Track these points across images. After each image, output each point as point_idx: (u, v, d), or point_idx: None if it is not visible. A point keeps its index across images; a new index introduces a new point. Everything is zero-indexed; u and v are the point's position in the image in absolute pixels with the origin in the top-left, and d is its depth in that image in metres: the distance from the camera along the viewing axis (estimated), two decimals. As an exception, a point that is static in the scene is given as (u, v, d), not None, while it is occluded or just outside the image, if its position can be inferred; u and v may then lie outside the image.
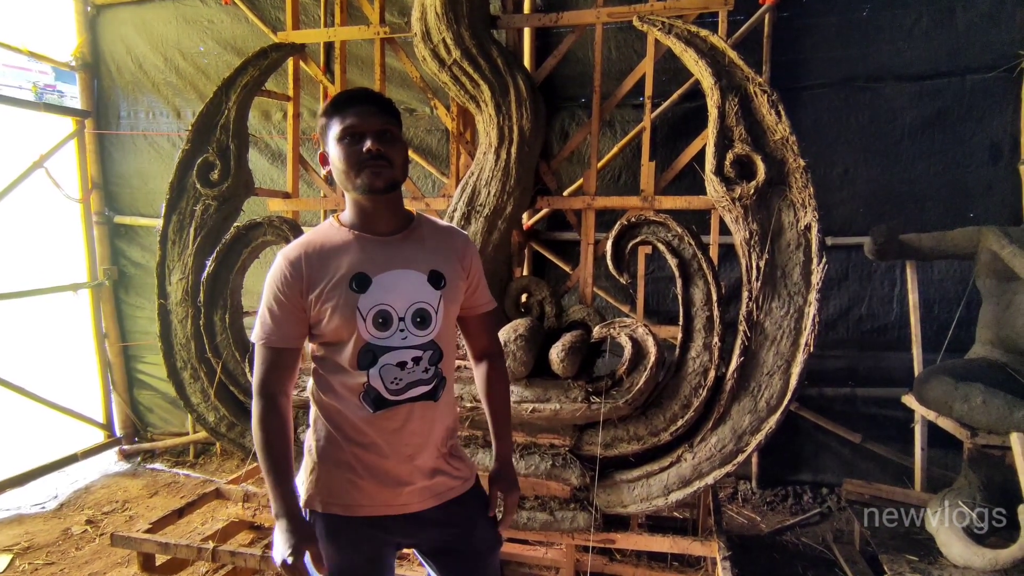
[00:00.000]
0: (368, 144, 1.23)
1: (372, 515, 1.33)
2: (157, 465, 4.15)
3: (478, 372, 1.54)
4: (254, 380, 1.30)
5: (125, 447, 4.35)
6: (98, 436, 4.41)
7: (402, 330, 1.28)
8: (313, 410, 1.36)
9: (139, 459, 4.25)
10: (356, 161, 1.24)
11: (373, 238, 1.31)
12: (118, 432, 4.48)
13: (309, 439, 1.37)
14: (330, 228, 1.33)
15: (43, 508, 3.57)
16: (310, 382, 1.37)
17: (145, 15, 4.15)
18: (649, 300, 3.55)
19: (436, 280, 1.32)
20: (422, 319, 1.29)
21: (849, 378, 3.38)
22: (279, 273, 1.27)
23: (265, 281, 1.30)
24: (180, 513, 2.75)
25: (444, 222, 1.46)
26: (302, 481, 1.36)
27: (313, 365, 1.36)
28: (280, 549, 1.23)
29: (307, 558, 1.24)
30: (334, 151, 1.27)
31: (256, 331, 1.30)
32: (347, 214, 1.34)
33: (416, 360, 1.29)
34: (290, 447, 1.30)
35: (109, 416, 4.46)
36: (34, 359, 6.41)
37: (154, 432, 4.54)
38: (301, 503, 1.33)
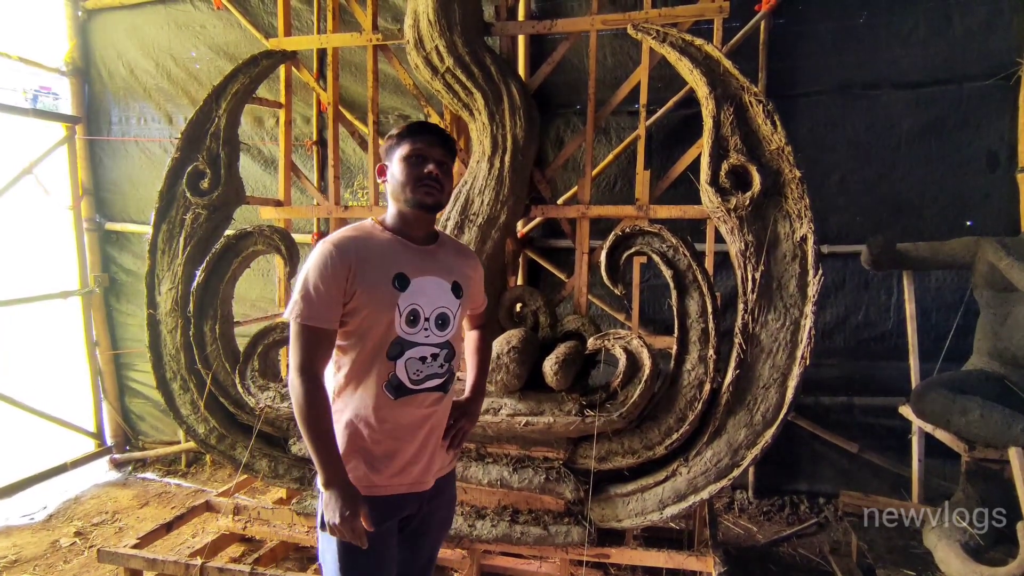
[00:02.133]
0: (430, 167, 1.43)
1: (388, 494, 1.46)
2: (148, 474, 4.10)
3: (470, 335, 1.78)
4: (295, 359, 1.37)
5: (116, 456, 4.30)
6: (88, 445, 4.36)
7: (426, 329, 1.45)
8: (337, 403, 1.48)
9: (130, 468, 4.20)
10: (415, 179, 1.43)
11: (411, 245, 1.48)
12: (109, 441, 4.43)
13: (337, 432, 1.47)
14: (373, 228, 1.49)
15: (32, 519, 3.52)
16: (333, 375, 1.48)
17: (136, 20, 4.11)
18: (645, 308, 3.53)
19: (457, 290, 1.52)
20: (443, 321, 1.48)
21: (846, 387, 3.35)
22: (326, 258, 1.37)
23: (307, 264, 1.39)
24: (169, 527, 2.71)
25: (459, 241, 1.70)
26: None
27: (335, 356, 1.46)
28: (334, 512, 1.34)
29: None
30: (397, 167, 1.46)
31: (295, 310, 1.36)
32: (389, 220, 1.51)
33: (434, 356, 1.47)
34: (332, 421, 1.41)
35: (100, 425, 4.41)
36: (24, 368, 6.34)
37: (145, 441, 4.49)
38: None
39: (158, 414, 4.43)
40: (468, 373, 1.77)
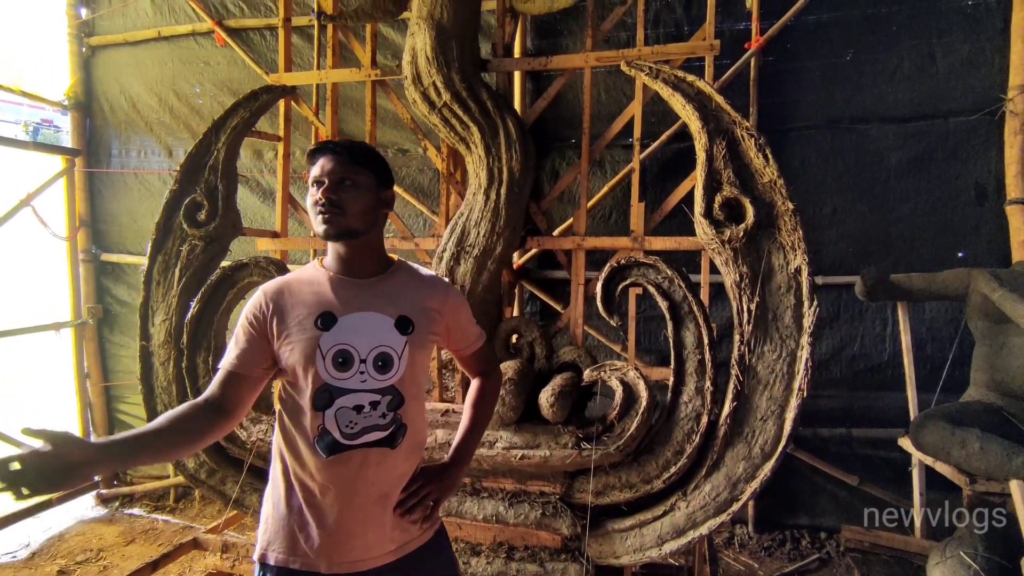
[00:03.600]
0: (320, 193, 1.27)
1: (327, 572, 1.27)
2: (135, 510, 4.01)
3: (472, 384, 1.58)
4: None
5: (103, 491, 4.21)
6: (75, 480, 4.26)
7: (362, 372, 1.26)
8: (274, 458, 1.34)
9: (117, 504, 4.10)
10: (312, 207, 1.29)
11: (347, 280, 1.33)
12: (96, 476, 4.34)
13: (268, 488, 1.36)
14: (312, 268, 1.38)
15: (14, 557, 3.42)
16: (275, 433, 1.34)
17: (140, 56, 4.19)
18: (641, 339, 3.52)
19: (404, 326, 1.31)
20: (384, 363, 1.28)
21: (844, 418, 3.33)
22: (255, 303, 1.31)
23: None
24: (155, 566, 2.64)
25: (428, 272, 1.46)
26: (260, 532, 1.34)
27: (277, 409, 1.34)
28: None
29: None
30: (307, 197, 1.34)
31: (222, 359, 1.31)
32: (327, 257, 1.37)
33: (374, 404, 1.26)
34: (157, 436, 1.16)
35: (88, 459, 4.33)
36: (13, 399, 6.26)
37: (134, 475, 4.40)
38: (255, 555, 1.32)
39: (148, 448, 4.35)
40: (458, 431, 1.54)
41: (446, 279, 1.73)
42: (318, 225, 1.28)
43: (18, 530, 3.70)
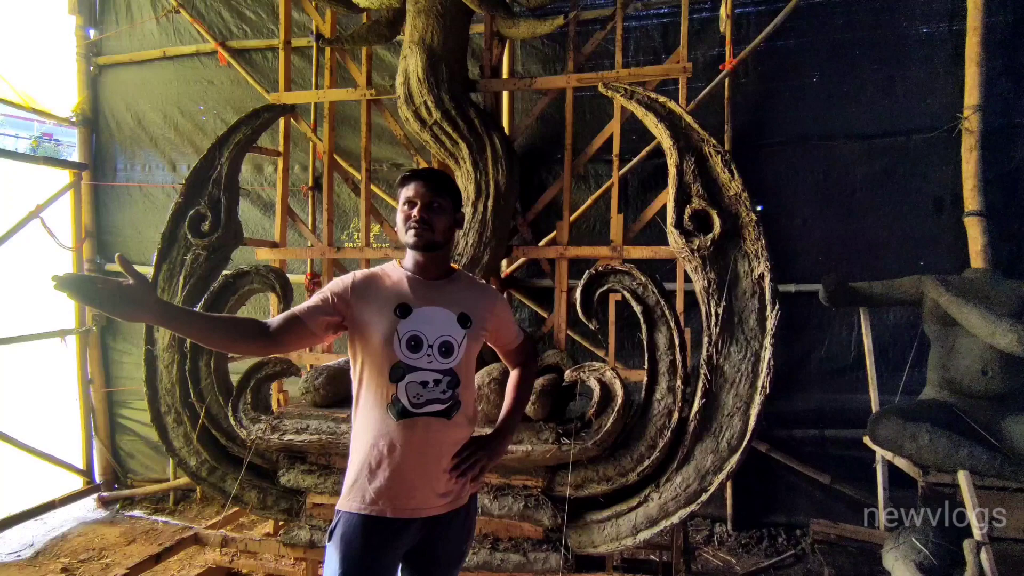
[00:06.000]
0: (415, 211, 1.57)
1: (391, 516, 1.54)
2: (136, 512, 4.12)
3: (513, 373, 1.87)
4: None
5: (104, 494, 4.32)
6: (77, 483, 4.38)
7: (429, 355, 1.55)
8: (354, 432, 1.62)
9: (118, 506, 4.22)
10: (405, 222, 1.58)
11: (420, 279, 1.62)
12: (98, 479, 4.46)
13: (350, 456, 1.62)
14: (392, 267, 1.67)
15: (18, 556, 3.53)
16: (352, 398, 1.62)
17: (147, 75, 4.38)
18: (624, 343, 3.68)
19: (464, 321, 1.61)
20: (447, 349, 1.57)
21: (817, 420, 3.48)
22: (344, 281, 1.60)
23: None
24: (157, 559, 2.76)
25: (480, 281, 1.82)
26: (344, 491, 1.60)
27: (353, 380, 1.61)
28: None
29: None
30: (398, 213, 1.62)
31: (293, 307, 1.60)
32: (406, 260, 1.67)
33: (436, 382, 1.56)
34: (209, 325, 1.46)
35: (89, 462, 4.45)
36: (18, 404, 6.37)
37: (134, 478, 4.52)
38: (336, 507, 1.59)
39: (148, 451, 4.47)
40: (502, 408, 1.81)
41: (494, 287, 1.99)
42: (409, 237, 1.57)
43: (22, 531, 3.81)
